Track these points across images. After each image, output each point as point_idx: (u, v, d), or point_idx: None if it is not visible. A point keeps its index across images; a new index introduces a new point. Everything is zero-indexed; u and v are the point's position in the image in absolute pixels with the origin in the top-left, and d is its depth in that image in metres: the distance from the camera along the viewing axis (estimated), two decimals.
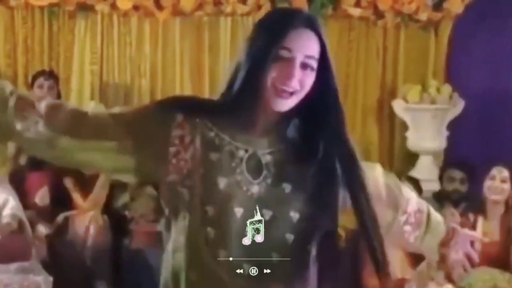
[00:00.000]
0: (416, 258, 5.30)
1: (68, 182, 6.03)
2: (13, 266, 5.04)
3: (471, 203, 5.75)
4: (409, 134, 6.97)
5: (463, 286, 5.19)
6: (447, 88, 6.90)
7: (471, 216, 5.46)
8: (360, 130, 7.22)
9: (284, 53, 2.07)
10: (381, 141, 7.27)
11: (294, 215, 2.10)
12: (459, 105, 6.89)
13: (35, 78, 6.54)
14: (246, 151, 2.14)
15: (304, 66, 2.08)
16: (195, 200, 2.08)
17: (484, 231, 5.36)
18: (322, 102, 2.14)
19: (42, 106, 2.12)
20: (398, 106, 6.96)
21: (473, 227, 5.40)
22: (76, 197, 5.99)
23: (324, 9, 6.99)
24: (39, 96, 6.15)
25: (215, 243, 2.07)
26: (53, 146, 2.11)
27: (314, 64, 2.10)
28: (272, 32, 2.09)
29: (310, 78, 2.10)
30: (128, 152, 2.12)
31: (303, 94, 2.12)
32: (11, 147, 6.48)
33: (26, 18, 7.00)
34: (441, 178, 6.35)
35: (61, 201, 6.04)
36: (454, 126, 6.96)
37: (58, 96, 6.60)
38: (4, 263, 5.03)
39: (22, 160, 6.41)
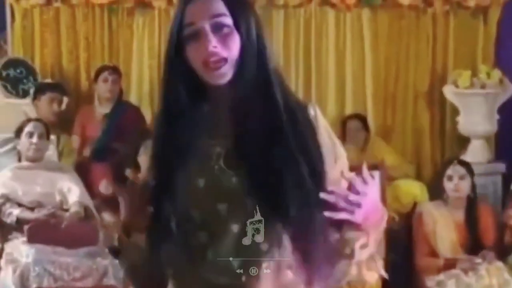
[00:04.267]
0: (467, 239, 5.47)
1: (130, 173, 6.21)
2: (82, 250, 5.25)
3: None
4: (460, 118, 7.01)
5: None
6: (497, 73, 6.92)
7: None
8: (412, 116, 7.31)
9: (189, 30, 1.93)
10: (433, 126, 7.33)
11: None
12: (510, 89, 6.93)
13: (99, 72, 6.79)
14: (223, 146, 1.97)
15: (217, 27, 1.92)
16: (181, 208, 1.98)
17: None
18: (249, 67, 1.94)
19: None
20: (449, 91, 7.02)
21: None
22: None
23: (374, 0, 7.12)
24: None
25: (205, 245, 1.95)
26: None
27: (228, 20, 1.93)
28: (174, 16, 1.98)
29: (231, 37, 1.93)
30: None
31: (235, 57, 1.93)
32: (75, 139, 6.74)
33: (87, 15, 7.22)
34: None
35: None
36: (505, 110, 7.00)
37: (120, 90, 6.85)
38: (73, 248, 5.25)
39: (86, 152, 6.67)
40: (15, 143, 5.85)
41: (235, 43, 1.93)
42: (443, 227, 5.45)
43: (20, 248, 5.21)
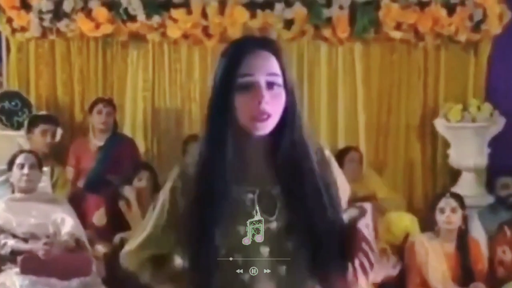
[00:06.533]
0: (458, 271, 5.50)
1: (123, 205, 6.23)
2: (75, 281, 5.26)
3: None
4: (451, 151, 7.08)
5: None
6: (487, 106, 7.00)
7: (508, 231, 5.63)
8: (403, 148, 7.37)
9: (245, 80, 2.03)
10: (424, 159, 7.38)
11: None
12: (500, 123, 7.00)
13: (94, 104, 6.85)
14: (254, 192, 2.09)
15: (270, 85, 2.03)
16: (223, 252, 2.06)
17: None
18: (282, 120, 2.08)
19: None
20: (440, 124, 7.09)
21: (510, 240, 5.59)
22: (130, 219, 6.19)
23: (366, 33, 7.15)
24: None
25: (251, 285, 2.06)
26: None
27: (280, 80, 2.05)
28: (229, 62, 2.07)
29: (280, 96, 2.05)
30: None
31: (280, 113, 2.06)
32: (69, 171, 6.77)
33: (81, 48, 7.29)
34: (492, 189, 6.50)
35: (117, 222, 6.22)
36: (495, 143, 7.05)
37: (115, 123, 6.90)
38: (67, 279, 5.25)
39: (81, 183, 6.70)
40: (8, 175, 5.87)
41: (282, 102, 2.06)
42: (434, 258, 5.48)
43: (13, 279, 5.21)
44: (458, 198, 5.68)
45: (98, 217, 6.31)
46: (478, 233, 6.03)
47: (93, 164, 6.68)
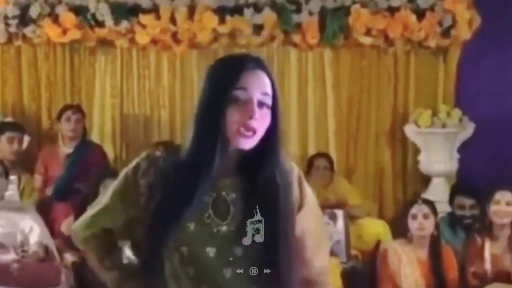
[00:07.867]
0: (431, 278, 5.48)
1: None
2: None
3: (480, 226, 5.89)
4: (421, 157, 7.10)
5: None
6: (457, 112, 7.03)
7: (478, 239, 5.62)
8: (373, 154, 7.37)
9: (240, 93, 2.10)
10: (394, 165, 7.38)
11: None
12: (469, 128, 7.03)
13: (62, 111, 6.74)
14: (210, 196, 2.15)
15: (261, 104, 2.12)
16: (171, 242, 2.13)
17: (493, 252, 5.52)
18: (265, 139, 2.15)
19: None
20: (410, 130, 7.10)
21: (481, 249, 5.57)
22: None
23: (335, 39, 7.15)
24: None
25: (196, 279, 2.12)
26: None
27: (269, 101, 2.13)
28: (226, 74, 2.12)
29: (267, 116, 2.13)
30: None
31: (263, 132, 2.13)
32: (37, 179, 6.68)
33: (48, 54, 7.24)
34: (451, 202, 6.47)
35: None
36: (465, 149, 7.09)
37: (84, 129, 6.81)
38: None
39: (49, 191, 6.61)
40: None
41: (267, 122, 2.14)
42: (407, 265, 5.46)
43: None
44: (430, 204, 5.65)
45: (67, 226, 6.22)
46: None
47: (62, 171, 6.59)
